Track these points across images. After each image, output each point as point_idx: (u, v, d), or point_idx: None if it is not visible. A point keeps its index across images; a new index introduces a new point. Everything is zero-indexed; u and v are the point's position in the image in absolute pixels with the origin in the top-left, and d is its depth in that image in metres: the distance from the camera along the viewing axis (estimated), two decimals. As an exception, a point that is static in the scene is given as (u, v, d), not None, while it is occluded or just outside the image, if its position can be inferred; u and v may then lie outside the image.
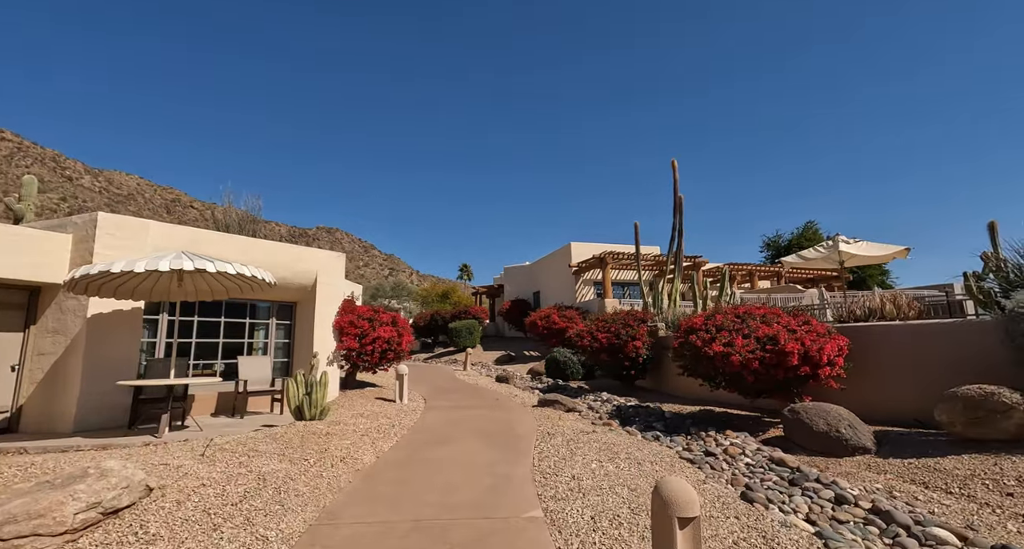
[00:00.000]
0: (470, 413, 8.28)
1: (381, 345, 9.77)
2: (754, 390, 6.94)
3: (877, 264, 9.81)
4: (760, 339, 6.68)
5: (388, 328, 9.92)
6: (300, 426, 6.12)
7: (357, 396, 9.57)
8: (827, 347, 6.37)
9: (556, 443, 6.01)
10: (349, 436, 5.93)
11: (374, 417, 7.45)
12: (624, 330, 10.62)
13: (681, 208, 12.86)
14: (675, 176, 12.94)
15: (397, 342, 10.05)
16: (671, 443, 6.32)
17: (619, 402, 9.65)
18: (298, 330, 9.47)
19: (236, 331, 8.75)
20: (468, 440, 6.25)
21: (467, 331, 23.95)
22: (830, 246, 9.39)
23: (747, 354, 6.54)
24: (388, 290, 59.14)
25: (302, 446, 5.28)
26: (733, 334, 6.88)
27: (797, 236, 39.69)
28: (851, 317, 7.61)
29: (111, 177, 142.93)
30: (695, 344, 7.13)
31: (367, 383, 11.52)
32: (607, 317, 11.38)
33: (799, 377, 6.51)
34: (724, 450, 5.87)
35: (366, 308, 10.11)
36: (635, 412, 8.53)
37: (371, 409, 8.23)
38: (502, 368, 18.43)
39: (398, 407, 8.63)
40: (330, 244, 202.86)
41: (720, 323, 7.20)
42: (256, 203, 22.66)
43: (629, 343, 10.46)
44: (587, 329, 11.18)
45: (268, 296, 8.99)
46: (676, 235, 12.95)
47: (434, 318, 27.96)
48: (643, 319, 10.87)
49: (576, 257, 22.66)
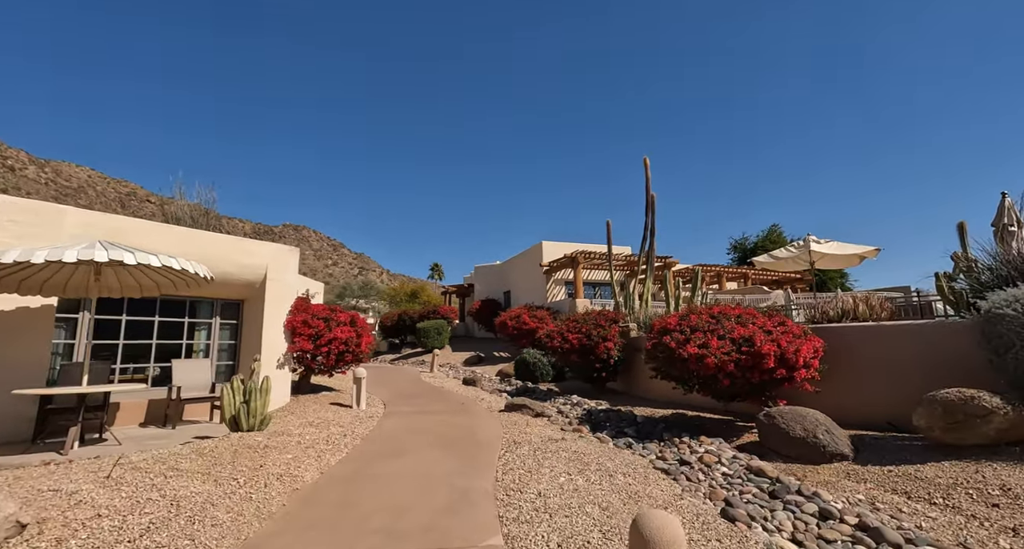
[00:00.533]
0: (432, 419, 7.74)
1: (338, 347, 9.10)
2: (728, 393, 6.67)
3: (839, 267, 9.72)
4: (736, 340, 6.41)
5: (346, 328, 9.26)
6: (235, 438, 5.45)
7: (310, 402, 8.87)
8: (803, 349, 6.15)
9: (522, 453, 5.56)
10: (292, 449, 5.30)
11: (325, 425, 6.82)
12: (595, 331, 10.28)
13: (653, 207, 12.65)
14: (647, 174, 12.72)
15: (356, 343, 9.39)
16: (644, 451, 5.96)
17: (589, 406, 9.29)
18: (245, 330, 8.71)
19: (173, 332, 7.93)
20: (427, 450, 5.72)
21: (435, 331, 23.29)
22: (801, 246, 9.31)
23: (722, 356, 6.25)
24: (356, 289, 57.66)
25: (233, 462, 4.64)
26: (708, 335, 6.59)
27: (762, 238, 40.69)
28: (824, 318, 7.47)
29: (59, 168, 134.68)
30: (669, 346, 6.81)
31: (324, 387, 10.79)
32: (578, 317, 11.02)
33: (775, 380, 6.27)
34: (699, 458, 5.54)
35: (322, 307, 9.41)
36: (606, 417, 8.17)
37: (323, 416, 7.57)
38: (470, 369, 17.90)
39: (354, 414, 8.00)
40: (297, 242, 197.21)
41: (695, 324, 6.91)
42: (210, 195, 21.41)
43: (600, 344, 10.12)
44: (557, 329, 10.80)
45: (210, 293, 8.20)
46: (648, 234, 12.73)
47: (402, 318, 27.14)
48: (615, 319, 10.56)
49: (547, 256, 22.35)
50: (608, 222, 13.30)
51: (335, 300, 57.99)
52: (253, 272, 8.36)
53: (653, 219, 12.66)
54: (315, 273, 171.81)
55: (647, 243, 12.86)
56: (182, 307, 8.03)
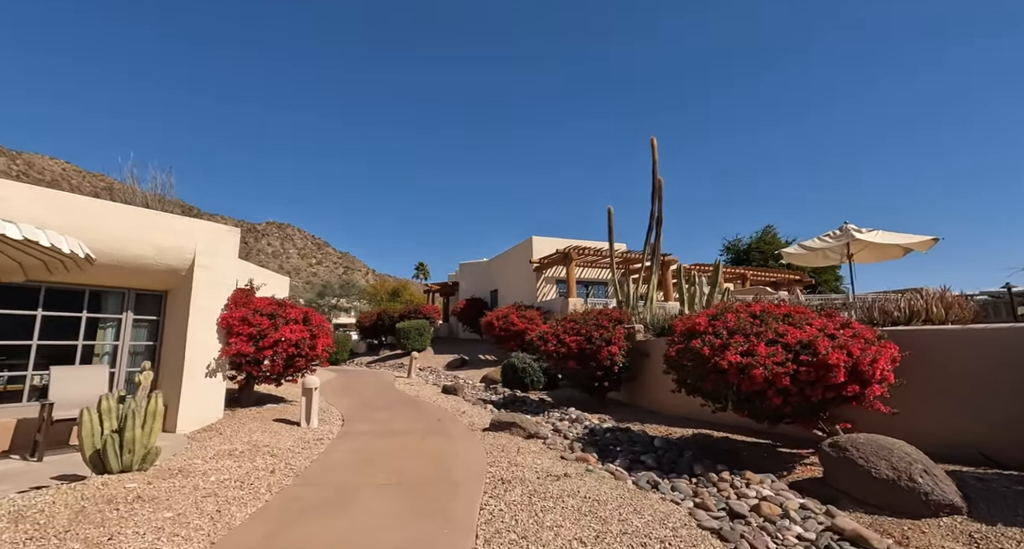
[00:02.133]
0: (397, 443, 6.14)
1: (286, 349, 7.44)
2: (775, 414, 5.20)
3: (878, 260, 8.43)
4: (790, 347, 4.94)
5: (297, 328, 7.61)
6: (92, 487, 3.77)
7: (249, 418, 7.19)
8: (881, 359, 4.70)
9: (514, 500, 4.02)
10: (179, 501, 3.66)
11: (250, 456, 5.17)
12: (597, 332, 8.77)
13: (660, 193, 11.21)
14: (654, 157, 11.28)
15: (309, 345, 7.74)
16: (676, 495, 4.44)
17: (592, 422, 7.77)
18: (169, 329, 7.01)
19: (66, 330, 6.21)
20: (381, 497, 4.13)
21: (416, 332, 21.62)
22: (838, 235, 7.95)
23: (775, 367, 4.77)
24: (337, 288, 55.44)
25: (64, 536, 3.00)
26: (752, 339, 5.12)
27: (756, 240, 39.81)
28: (884, 320, 6.06)
29: (31, 160, 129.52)
30: (700, 352, 5.32)
31: (274, 398, 9.09)
32: (576, 317, 9.51)
33: (842, 397, 4.81)
34: (755, 508, 4.05)
35: (267, 301, 7.74)
36: (614, 438, 6.66)
37: (256, 440, 5.92)
38: (452, 374, 16.29)
39: (299, 435, 6.36)
40: (281, 240, 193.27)
41: (733, 325, 5.43)
42: (167, 180, 19.43)
43: (603, 348, 8.62)
44: (552, 331, 9.27)
45: (119, 281, 6.50)
46: (654, 224, 11.29)
47: (381, 317, 25.40)
48: (619, 319, 9.07)
49: (538, 253, 20.84)
50: (609, 209, 11.85)
51: (315, 299, 55.62)
52: (177, 256, 6.68)
53: (660, 207, 11.22)
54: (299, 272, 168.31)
55: (653, 234, 11.42)
56: (78, 298, 6.31)
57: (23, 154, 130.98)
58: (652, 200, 11.34)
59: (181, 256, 6.72)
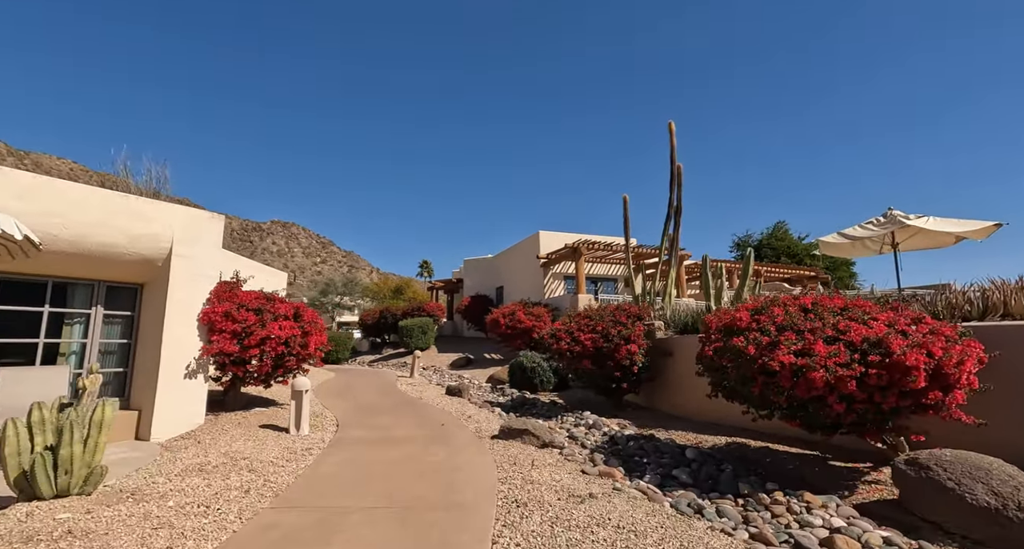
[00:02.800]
0: (396, 454, 5.44)
1: (275, 347, 6.76)
2: (835, 424, 4.46)
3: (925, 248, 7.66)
4: (854, 345, 4.20)
5: (287, 324, 6.92)
6: (15, 517, 3.08)
7: (233, 424, 6.52)
8: (968, 361, 3.95)
9: (532, 529, 3.32)
10: (122, 535, 2.97)
11: (224, 471, 4.49)
12: (615, 329, 8.04)
13: (679, 180, 10.45)
14: (672, 142, 10.52)
15: (301, 343, 7.06)
16: (724, 521, 3.71)
17: (611, 428, 7.05)
18: (145, 326, 6.35)
19: (25, 325, 5.55)
20: (372, 524, 3.44)
21: (420, 330, 20.95)
22: (884, 222, 7.18)
23: (838, 369, 4.03)
24: (340, 286, 54.94)
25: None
26: (808, 337, 4.38)
27: (767, 236, 38.89)
28: (951, 314, 5.29)
29: (39, 160, 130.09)
30: (744, 351, 4.59)
31: (264, 400, 8.42)
32: (591, 313, 8.78)
33: (920, 405, 4.07)
34: (827, 542, 3.32)
35: (255, 295, 7.06)
36: (639, 448, 5.94)
37: (234, 451, 5.24)
38: (457, 374, 15.61)
39: (285, 444, 5.67)
40: (285, 239, 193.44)
41: (782, 320, 4.69)
42: (161, 174, 18.83)
43: (621, 347, 7.89)
44: (565, 328, 8.55)
45: (87, 272, 5.84)
46: (672, 214, 10.54)
47: (383, 315, 24.75)
48: (638, 315, 8.33)
49: (545, 248, 20.11)
50: (624, 197, 11.09)
51: (318, 297, 55.20)
52: (151, 244, 6.00)
53: (679, 195, 10.47)
54: (303, 271, 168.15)
55: (671, 225, 10.67)
56: (38, 291, 5.65)
57: (31, 154, 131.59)
58: (670, 188, 10.58)
59: (156, 244, 6.05)
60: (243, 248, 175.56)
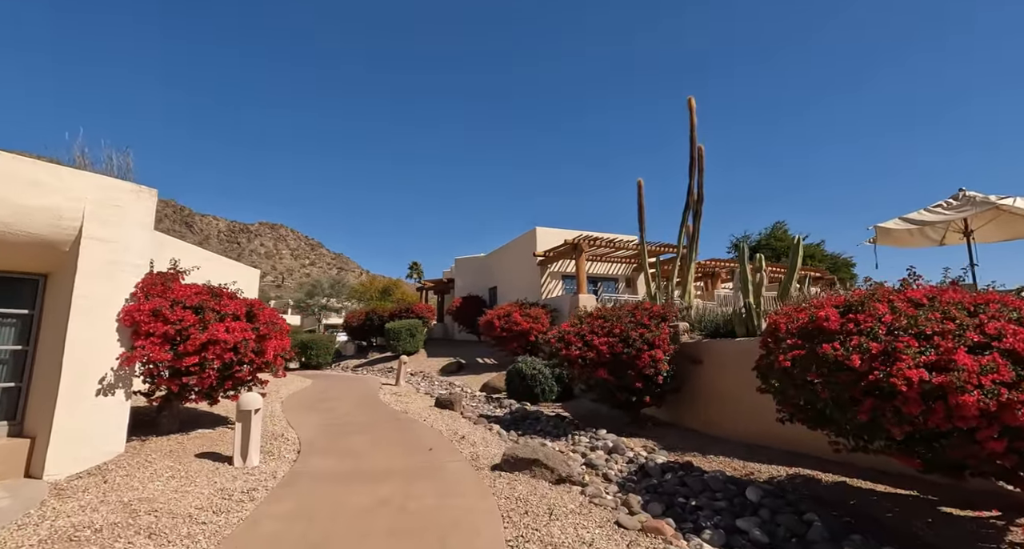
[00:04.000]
0: (368, 498, 4.11)
1: (221, 354, 5.38)
2: (983, 465, 3.22)
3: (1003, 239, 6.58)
4: (1018, 356, 2.97)
5: (237, 325, 5.55)
6: None
7: (162, 452, 5.12)
8: None
9: None
10: None
11: (110, 537, 3.12)
12: (636, 332, 6.78)
13: (700, 164, 9.26)
14: (692, 121, 9.33)
15: (255, 349, 5.69)
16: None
17: (636, 453, 5.78)
18: (48, 328, 4.94)
19: None
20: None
21: (408, 333, 19.56)
22: (957, 204, 6.04)
23: (1002, 391, 2.80)
24: (326, 288, 53.24)
25: None
26: (941, 343, 3.14)
27: (766, 236, 38.01)
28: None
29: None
30: (842, 363, 3.34)
31: (213, 418, 7.00)
32: (605, 312, 7.51)
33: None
34: None
35: (195, 289, 5.68)
36: (679, 482, 4.67)
37: (146, 495, 3.86)
38: (447, 381, 14.25)
39: (221, 484, 4.31)
40: (274, 241, 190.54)
41: (890, 320, 3.45)
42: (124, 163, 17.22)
43: (643, 353, 6.63)
44: (576, 331, 7.26)
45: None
46: (693, 202, 9.34)
47: (369, 317, 23.29)
48: (662, 315, 7.07)
49: (543, 245, 18.83)
50: (639, 182, 9.84)
51: (304, 298, 53.40)
52: (51, 222, 4.62)
53: (701, 181, 9.27)
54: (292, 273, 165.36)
55: (691, 214, 9.46)
56: None
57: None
58: (690, 173, 9.38)
59: (58, 223, 4.66)
60: (230, 250, 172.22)
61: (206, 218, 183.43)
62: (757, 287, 6.58)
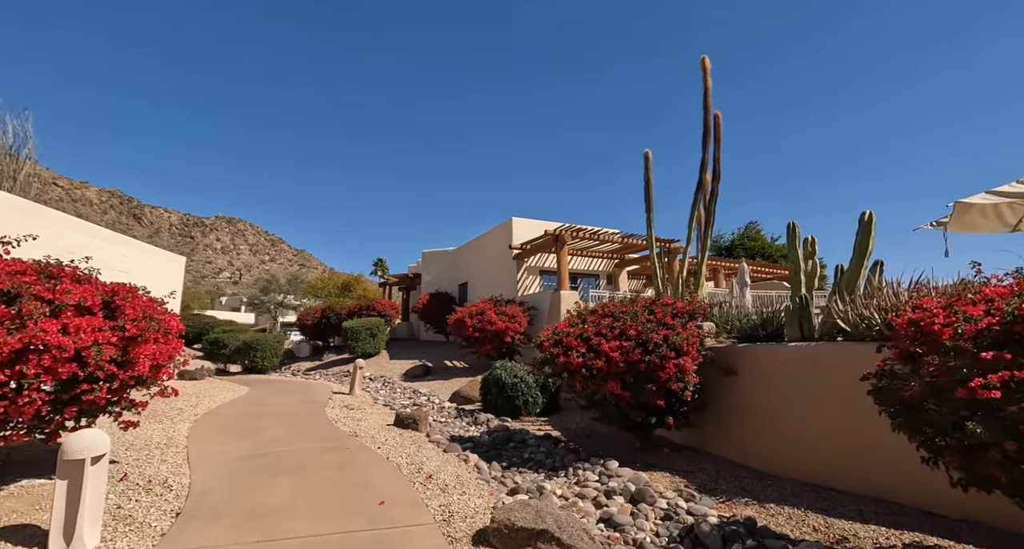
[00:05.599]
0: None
1: (54, 367, 3.44)
2: None
3: None
4: None
5: (85, 323, 3.61)
6: None
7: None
8: None
9: None
10: None
11: None
12: (658, 334, 5.21)
13: (717, 133, 7.84)
14: (706, 83, 7.89)
15: (117, 358, 3.76)
16: None
17: (674, 504, 4.18)
18: None
19: None
20: None
21: (368, 332, 17.50)
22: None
23: None
24: (283, 284, 49.92)
25: None
26: None
27: (739, 236, 37.70)
28: None
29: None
30: None
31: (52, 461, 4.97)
32: (613, 309, 5.90)
33: None
34: None
35: (14, 266, 3.71)
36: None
37: None
38: (412, 387, 12.39)
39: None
40: (231, 236, 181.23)
41: None
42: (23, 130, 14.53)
43: (669, 361, 5.06)
44: (578, 332, 5.62)
45: None
46: (708, 180, 7.90)
47: (326, 315, 21.02)
48: (690, 313, 5.54)
49: (519, 237, 17.20)
50: (647, 153, 8.27)
51: (259, 295, 49.85)
52: None
53: (718, 153, 7.84)
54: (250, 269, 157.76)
55: (702, 195, 8.02)
56: None
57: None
58: (703, 145, 7.93)
59: None
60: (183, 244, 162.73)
61: (157, 210, 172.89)
62: (811, 277, 5.14)
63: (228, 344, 17.10)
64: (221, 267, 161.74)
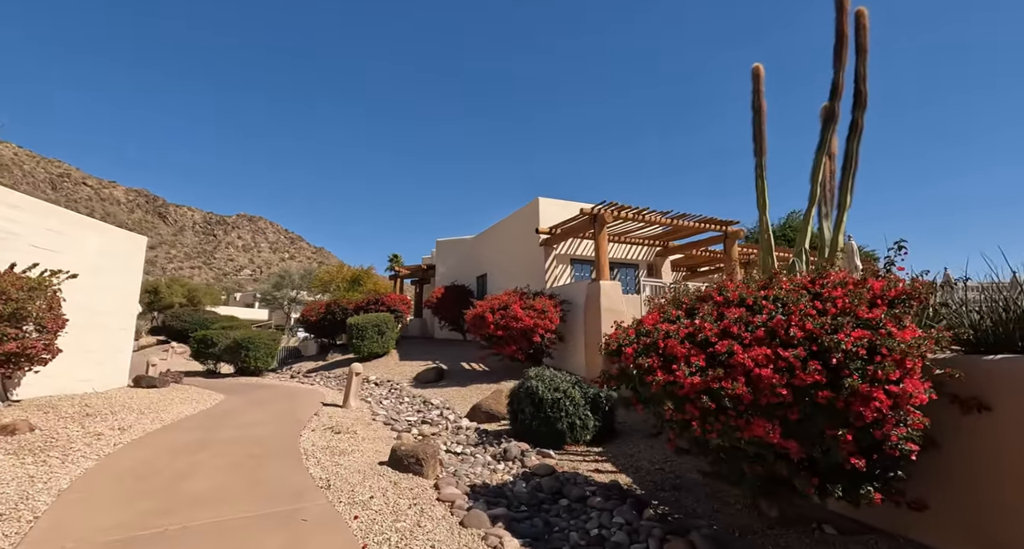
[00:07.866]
0: None
1: None
2: None
3: None
4: None
5: None
6: None
7: None
8: None
9: None
10: None
11: None
12: (849, 335, 2.81)
13: (861, 41, 5.37)
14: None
15: None
16: None
17: None
18: None
19: None
20: None
21: (375, 329, 15.35)
22: None
23: None
24: (296, 279, 48.40)
25: None
26: None
27: (782, 226, 34.72)
28: None
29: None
30: None
31: None
32: (747, 291, 3.50)
33: None
34: None
35: None
36: None
37: None
38: (422, 396, 10.14)
39: None
40: (252, 234, 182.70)
41: None
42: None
43: (878, 387, 2.66)
44: (683, 329, 3.24)
45: None
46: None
47: (330, 310, 19.00)
48: (907, 296, 3.12)
49: (547, 220, 14.78)
50: (756, 68, 5.70)
51: (271, 291, 48.47)
52: None
53: (863, 70, 5.35)
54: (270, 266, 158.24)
55: (830, 130, 5.54)
56: None
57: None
58: (835, 59, 5.43)
59: None
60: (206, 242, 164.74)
61: (181, 209, 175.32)
62: None
63: (217, 342, 15.16)
64: (242, 264, 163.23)
